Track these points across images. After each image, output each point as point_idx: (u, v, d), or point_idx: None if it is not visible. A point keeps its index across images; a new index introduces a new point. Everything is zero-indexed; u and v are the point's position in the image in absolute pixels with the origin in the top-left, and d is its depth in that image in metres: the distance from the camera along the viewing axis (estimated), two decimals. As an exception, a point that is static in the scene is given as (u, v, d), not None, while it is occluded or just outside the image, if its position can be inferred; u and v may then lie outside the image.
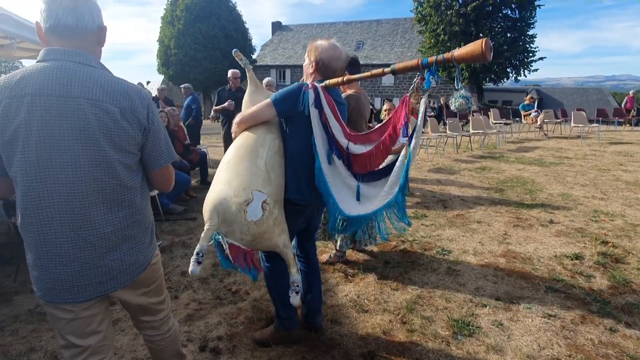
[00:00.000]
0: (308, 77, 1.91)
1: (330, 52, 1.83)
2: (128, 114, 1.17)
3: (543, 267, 3.02)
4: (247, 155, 1.71)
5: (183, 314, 2.42)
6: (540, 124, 11.40)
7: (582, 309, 2.43)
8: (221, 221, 1.60)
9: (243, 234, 1.62)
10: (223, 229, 1.62)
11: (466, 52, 1.35)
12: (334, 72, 1.84)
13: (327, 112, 1.71)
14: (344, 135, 1.72)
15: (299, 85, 1.74)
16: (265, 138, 1.77)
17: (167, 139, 1.32)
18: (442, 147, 8.97)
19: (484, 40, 1.32)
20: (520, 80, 22.57)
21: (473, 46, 1.34)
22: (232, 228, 1.61)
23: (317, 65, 1.84)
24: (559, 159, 7.77)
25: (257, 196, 1.61)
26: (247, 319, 2.36)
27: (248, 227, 1.60)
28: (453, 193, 5.25)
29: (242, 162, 1.69)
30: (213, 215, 1.59)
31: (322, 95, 1.72)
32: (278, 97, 1.74)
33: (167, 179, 1.38)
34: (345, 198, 1.73)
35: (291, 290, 1.74)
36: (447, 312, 2.42)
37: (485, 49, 1.31)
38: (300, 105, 1.70)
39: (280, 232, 1.70)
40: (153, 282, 1.41)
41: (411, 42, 29.78)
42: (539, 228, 3.86)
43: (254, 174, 1.66)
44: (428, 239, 3.61)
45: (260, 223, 1.61)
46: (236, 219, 1.58)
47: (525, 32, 20.23)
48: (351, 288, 2.74)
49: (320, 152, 1.70)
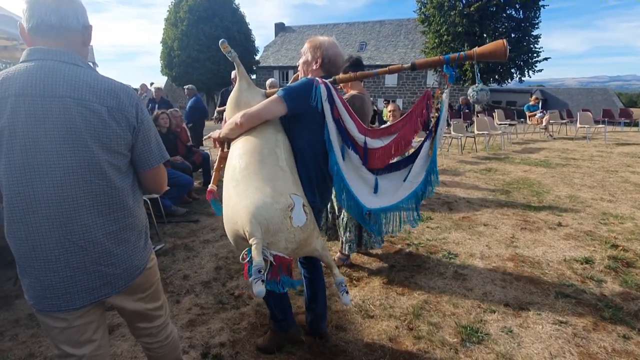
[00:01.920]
0: (309, 74, 1.86)
1: (335, 48, 1.81)
2: (116, 113, 1.12)
3: (552, 271, 2.96)
4: (265, 158, 1.60)
5: (185, 319, 2.38)
6: (545, 124, 11.30)
7: (593, 315, 2.37)
8: (264, 232, 1.42)
9: (289, 242, 1.47)
10: (265, 240, 1.43)
11: (489, 50, 1.48)
12: (338, 69, 1.81)
13: (339, 107, 1.68)
14: (359, 130, 1.71)
15: (310, 79, 1.69)
16: (277, 138, 1.69)
17: (157, 139, 1.27)
18: (446, 149, 8.90)
19: (504, 40, 1.47)
20: (524, 81, 22.45)
21: (495, 45, 1.52)
22: (277, 237, 1.45)
23: (323, 61, 1.80)
24: (565, 160, 7.68)
25: (296, 200, 1.52)
26: (250, 325, 2.31)
27: (294, 234, 1.48)
28: (458, 195, 5.19)
29: (264, 166, 1.58)
30: (256, 227, 1.40)
31: (333, 90, 1.69)
32: (288, 92, 1.68)
33: (159, 180, 1.33)
34: (363, 192, 1.75)
35: (341, 291, 1.63)
36: (455, 318, 2.36)
37: (506, 48, 1.47)
38: (312, 101, 1.65)
39: (317, 234, 1.65)
40: (149, 287, 1.36)
41: (414, 42, 29.72)
42: (547, 231, 3.80)
43: (282, 178, 1.57)
44: (434, 242, 3.55)
45: (306, 228, 1.52)
46: (282, 227, 1.45)
47: (530, 33, 20.09)
48: (356, 293, 2.69)
49: (335, 147, 1.67)
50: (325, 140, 1.72)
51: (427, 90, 1.58)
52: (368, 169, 1.77)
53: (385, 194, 1.76)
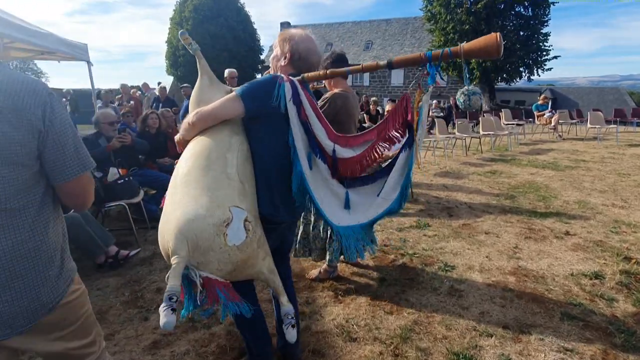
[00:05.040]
0: (277, 70, 1.63)
1: (307, 43, 1.57)
2: (10, 115, 0.90)
3: (558, 287, 2.69)
4: (211, 163, 1.39)
5: (149, 340, 2.17)
6: (554, 124, 10.91)
7: (603, 341, 2.11)
8: (192, 250, 1.23)
9: (222, 263, 1.26)
10: (194, 260, 1.24)
11: (478, 46, 1.23)
12: (310, 66, 1.57)
13: (307, 108, 1.44)
14: (328, 136, 1.45)
15: (273, 76, 1.46)
16: (231, 142, 1.47)
17: (77, 144, 1.04)
18: (450, 150, 8.60)
19: (498, 34, 1.20)
20: (533, 80, 21.95)
21: (486, 40, 1.23)
22: (208, 257, 1.24)
23: (292, 57, 1.57)
24: (574, 162, 7.35)
25: (236, 214, 1.29)
26: (219, 348, 2.10)
27: (229, 253, 1.26)
28: (460, 200, 4.92)
29: (207, 172, 1.37)
30: (181, 245, 1.21)
31: (300, 89, 1.46)
32: (247, 90, 1.46)
33: (80, 194, 1.10)
34: (332, 207, 1.46)
35: (285, 325, 1.45)
36: (447, 342, 2.12)
37: (500, 43, 1.20)
38: (274, 101, 1.43)
39: (264, 254, 1.41)
40: (71, 323, 1.14)
41: (421, 41, 29.29)
42: (553, 240, 3.52)
43: (227, 187, 1.35)
44: (430, 252, 3.30)
45: (244, 247, 1.29)
46: (214, 245, 1.24)
47: (539, 31, 19.62)
48: (340, 310, 2.45)
49: (300, 154, 1.43)
50: (290, 146, 1.49)
51: (406, 93, 1.32)
52: (338, 181, 1.52)
53: (357, 210, 1.50)
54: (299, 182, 1.44)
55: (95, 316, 1.28)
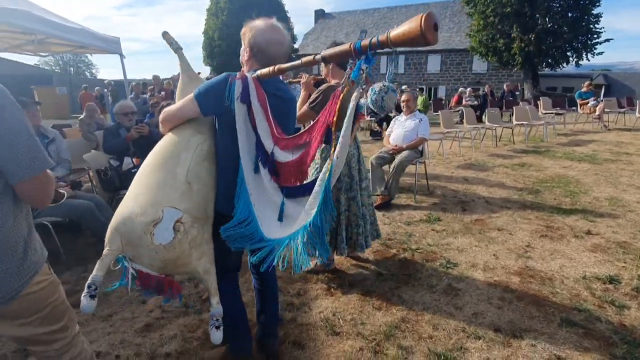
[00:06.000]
0: (243, 65, 1.62)
1: (268, 34, 1.52)
2: None
3: (565, 291, 2.53)
4: (164, 162, 1.45)
5: (142, 322, 2.29)
6: (599, 113, 10.11)
7: (602, 351, 1.96)
8: (125, 244, 1.35)
9: (152, 260, 1.36)
10: (129, 252, 1.37)
11: (402, 32, 0.97)
12: (274, 59, 1.51)
13: (255, 107, 1.41)
14: (271, 137, 1.40)
15: (226, 75, 1.45)
16: (190, 140, 1.50)
17: (31, 143, 1.07)
18: (478, 140, 8.22)
19: (424, 16, 0.91)
20: (582, 65, 20.31)
21: (409, 24, 0.96)
22: (139, 252, 1.35)
23: (252, 50, 1.54)
24: (616, 154, 6.79)
25: (168, 214, 1.34)
26: (205, 334, 2.16)
27: (156, 251, 1.34)
28: (478, 193, 4.71)
29: (156, 171, 1.43)
30: (114, 238, 1.34)
31: (252, 87, 1.43)
32: (202, 90, 1.47)
33: (37, 193, 1.13)
34: (267, 217, 1.36)
35: (210, 325, 1.49)
36: (431, 342, 2.06)
37: (426, 28, 0.90)
38: (226, 100, 1.43)
39: (199, 255, 1.44)
40: (36, 311, 1.19)
41: (460, 25, 27.93)
42: (572, 240, 3.30)
43: (168, 186, 1.40)
44: (434, 248, 3.21)
45: (171, 247, 1.35)
46: (142, 243, 1.33)
47: (589, 11, 18.01)
48: (329, 304, 2.45)
49: (244, 157, 1.41)
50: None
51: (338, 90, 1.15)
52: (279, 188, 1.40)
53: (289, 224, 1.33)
54: (239, 185, 1.42)
55: (68, 302, 1.35)
